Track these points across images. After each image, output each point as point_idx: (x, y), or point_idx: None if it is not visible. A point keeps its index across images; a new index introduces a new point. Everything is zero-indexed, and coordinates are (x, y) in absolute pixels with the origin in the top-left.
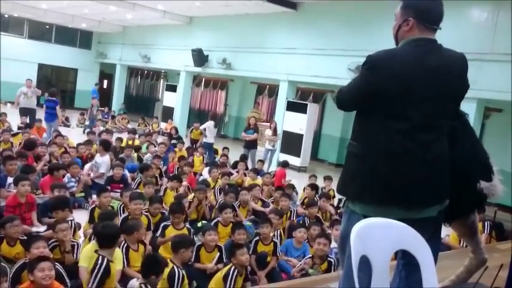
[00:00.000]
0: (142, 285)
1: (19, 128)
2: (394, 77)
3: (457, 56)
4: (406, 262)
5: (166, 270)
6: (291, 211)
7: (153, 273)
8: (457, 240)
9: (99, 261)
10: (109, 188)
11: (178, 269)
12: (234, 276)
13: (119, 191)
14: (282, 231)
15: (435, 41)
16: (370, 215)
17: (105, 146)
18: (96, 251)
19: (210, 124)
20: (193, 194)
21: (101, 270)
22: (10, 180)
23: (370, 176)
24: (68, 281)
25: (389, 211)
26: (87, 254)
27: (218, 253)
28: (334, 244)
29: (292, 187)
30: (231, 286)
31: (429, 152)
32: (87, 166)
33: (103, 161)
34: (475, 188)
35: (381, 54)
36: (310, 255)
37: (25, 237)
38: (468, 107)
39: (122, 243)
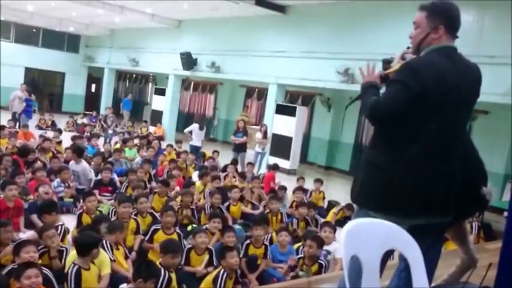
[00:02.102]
0: None
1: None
2: (431, 84)
3: (474, 66)
4: (407, 264)
5: None
6: (281, 213)
7: (142, 278)
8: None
9: (70, 269)
10: (97, 191)
11: (166, 271)
12: (224, 279)
13: (107, 194)
14: (274, 234)
15: (457, 49)
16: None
17: (78, 152)
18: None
19: (194, 127)
20: (179, 198)
21: (72, 278)
22: None
23: (397, 187)
24: (56, 286)
25: (413, 220)
26: (73, 260)
27: (208, 256)
28: (324, 246)
29: (284, 189)
30: None
31: (454, 159)
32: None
33: (82, 168)
34: (479, 193)
35: (420, 62)
36: (301, 256)
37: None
38: None
39: (105, 243)
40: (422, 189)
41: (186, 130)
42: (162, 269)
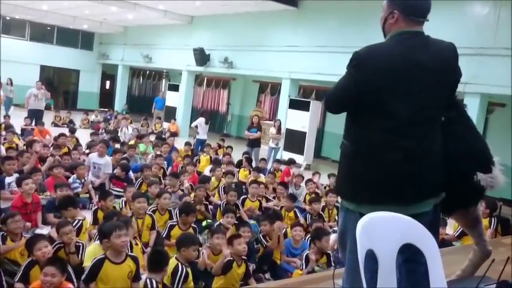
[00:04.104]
0: (147, 280)
1: (22, 130)
2: (381, 72)
3: (445, 46)
4: (406, 258)
5: (171, 267)
6: (294, 211)
7: (159, 267)
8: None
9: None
10: (111, 184)
11: (183, 266)
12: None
13: (120, 189)
14: (288, 229)
15: (421, 34)
16: (366, 213)
17: (107, 146)
18: None
19: (201, 121)
20: (193, 194)
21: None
22: (9, 180)
23: (363, 176)
24: (75, 281)
25: (383, 209)
26: (91, 254)
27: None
28: None
29: (302, 177)
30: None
31: (420, 147)
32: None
33: (105, 162)
34: (472, 181)
35: (366, 50)
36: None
37: (28, 235)
38: (471, 102)
39: None
40: (385, 178)
41: (193, 124)
42: (180, 264)
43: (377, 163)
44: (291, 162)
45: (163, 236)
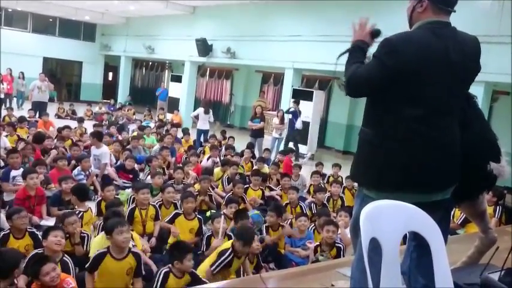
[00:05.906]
0: (161, 272)
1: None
2: (414, 60)
3: (471, 39)
4: (417, 244)
5: (224, 246)
6: (301, 206)
7: (177, 259)
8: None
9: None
10: (117, 174)
11: (232, 254)
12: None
13: (127, 182)
14: (293, 220)
15: (449, 24)
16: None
17: (98, 137)
18: None
19: (200, 111)
20: (197, 185)
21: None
22: (14, 173)
23: (386, 163)
24: (73, 271)
25: (404, 196)
26: (97, 245)
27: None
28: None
29: (299, 167)
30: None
31: (445, 136)
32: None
33: (102, 152)
34: (486, 170)
35: (399, 38)
36: (318, 243)
37: (33, 229)
38: (476, 90)
39: None
40: (411, 166)
41: (192, 114)
42: (231, 251)
43: (404, 151)
44: (290, 151)
45: (166, 221)
